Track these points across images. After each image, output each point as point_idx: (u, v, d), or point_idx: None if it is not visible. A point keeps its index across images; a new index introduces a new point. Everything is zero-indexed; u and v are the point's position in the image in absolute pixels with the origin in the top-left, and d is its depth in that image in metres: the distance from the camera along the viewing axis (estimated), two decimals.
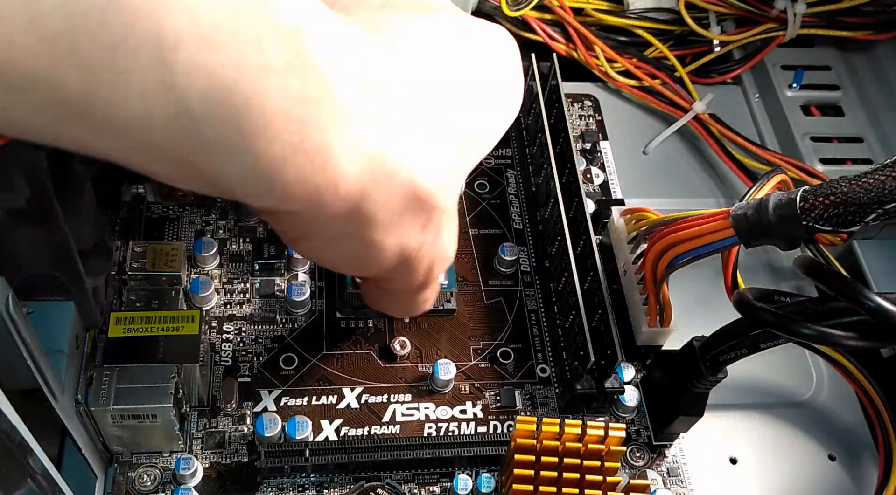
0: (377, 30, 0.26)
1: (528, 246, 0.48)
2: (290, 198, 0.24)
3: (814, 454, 0.44)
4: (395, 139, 0.26)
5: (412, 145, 0.26)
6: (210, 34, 0.20)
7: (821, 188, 0.32)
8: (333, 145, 0.24)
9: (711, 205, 0.52)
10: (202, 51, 0.20)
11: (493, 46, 0.31)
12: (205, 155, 0.22)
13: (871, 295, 0.31)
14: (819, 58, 0.61)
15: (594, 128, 0.54)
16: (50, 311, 0.33)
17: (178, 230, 0.45)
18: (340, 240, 0.29)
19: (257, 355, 0.42)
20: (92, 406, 0.34)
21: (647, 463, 0.41)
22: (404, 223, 0.28)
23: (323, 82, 0.23)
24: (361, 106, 0.24)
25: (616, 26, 0.57)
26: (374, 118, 0.25)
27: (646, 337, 0.43)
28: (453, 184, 0.30)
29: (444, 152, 0.28)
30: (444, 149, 0.28)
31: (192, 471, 0.37)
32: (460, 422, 0.41)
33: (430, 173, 0.27)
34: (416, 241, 0.30)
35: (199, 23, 0.19)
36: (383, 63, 0.25)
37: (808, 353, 0.47)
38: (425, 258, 0.31)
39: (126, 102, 0.19)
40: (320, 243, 0.29)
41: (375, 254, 0.29)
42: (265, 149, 0.22)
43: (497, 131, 0.32)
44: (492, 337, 0.44)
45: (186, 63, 0.19)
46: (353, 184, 0.25)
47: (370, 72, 0.25)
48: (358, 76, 0.24)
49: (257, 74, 0.21)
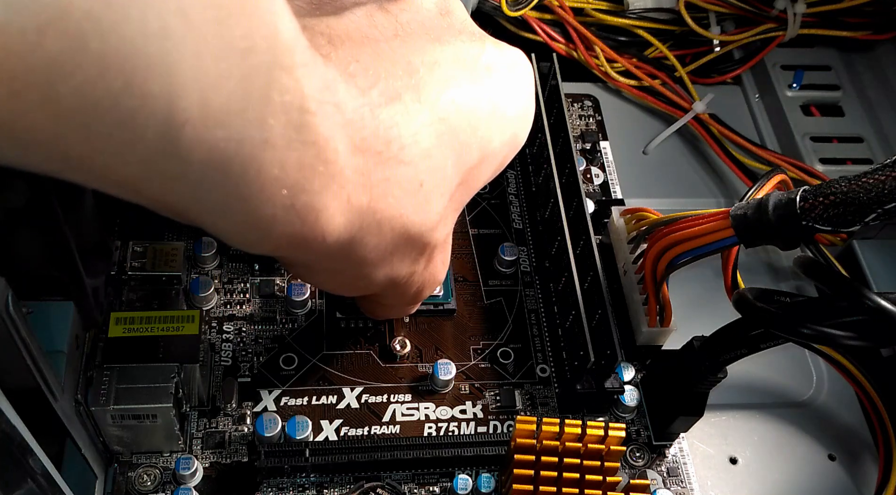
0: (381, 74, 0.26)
1: (528, 246, 0.48)
2: (280, 248, 0.25)
3: (814, 454, 0.44)
4: (387, 193, 0.26)
5: (404, 196, 0.27)
6: (218, 114, 0.20)
7: (821, 188, 0.32)
8: (324, 205, 0.24)
9: (711, 205, 0.52)
10: (208, 129, 0.20)
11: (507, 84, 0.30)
12: (197, 210, 0.22)
13: (871, 295, 0.31)
14: (819, 58, 0.61)
15: (594, 128, 0.54)
16: (50, 311, 0.33)
17: (178, 230, 0.45)
18: (332, 273, 0.29)
19: (257, 355, 0.42)
20: (92, 406, 0.34)
21: (647, 463, 0.41)
22: (395, 259, 0.29)
23: (320, 152, 0.23)
24: (353, 166, 0.24)
25: (616, 26, 0.57)
26: (365, 176, 0.25)
27: (646, 337, 0.43)
28: (447, 221, 0.30)
29: (438, 197, 0.28)
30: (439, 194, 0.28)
31: (192, 471, 0.37)
32: (460, 422, 0.41)
33: (422, 218, 0.28)
34: (406, 271, 0.30)
35: (209, 104, 0.19)
36: (382, 117, 0.25)
37: (808, 353, 0.47)
38: (416, 283, 0.32)
39: (127, 166, 0.20)
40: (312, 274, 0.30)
41: (366, 284, 0.30)
42: (257, 209, 0.23)
43: (496, 164, 0.31)
44: (492, 337, 0.44)
45: (192, 138, 0.20)
46: (342, 234, 0.25)
47: (368, 131, 0.25)
48: (354, 138, 0.24)
49: (258, 148, 0.21)
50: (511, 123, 0.31)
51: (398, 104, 0.26)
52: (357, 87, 0.25)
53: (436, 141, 0.27)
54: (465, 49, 0.29)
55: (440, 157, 0.27)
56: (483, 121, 0.29)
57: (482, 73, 0.29)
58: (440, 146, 0.27)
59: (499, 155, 0.31)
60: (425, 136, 0.27)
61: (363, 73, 0.25)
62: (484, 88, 0.29)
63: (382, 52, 0.27)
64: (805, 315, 0.33)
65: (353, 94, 0.25)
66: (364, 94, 0.25)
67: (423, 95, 0.27)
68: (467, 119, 0.28)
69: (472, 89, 0.29)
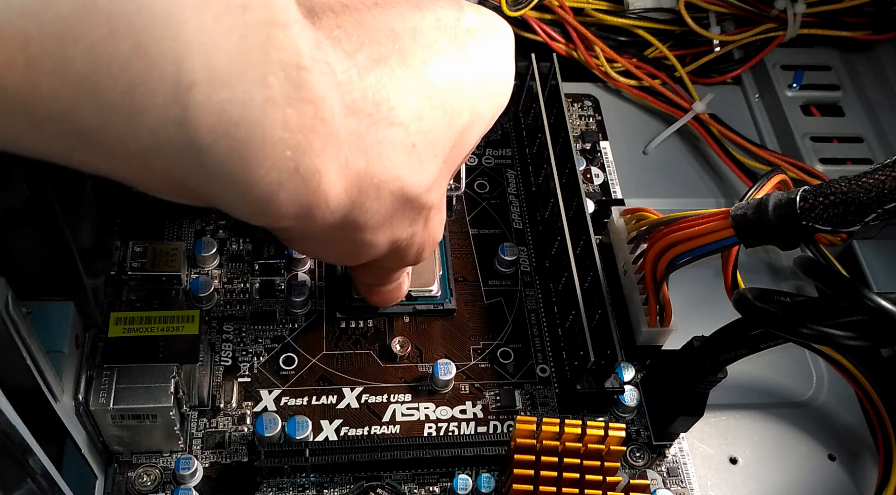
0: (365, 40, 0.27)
1: (528, 246, 0.48)
2: (284, 217, 0.25)
3: (814, 454, 0.44)
4: (381, 155, 0.27)
5: (399, 158, 0.27)
6: (222, 74, 0.20)
7: (821, 188, 0.32)
8: (325, 167, 0.25)
9: (711, 205, 0.52)
10: (214, 90, 0.20)
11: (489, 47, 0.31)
12: (205, 181, 0.23)
13: (871, 295, 0.31)
14: (819, 58, 0.61)
15: (594, 128, 0.54)
16: (50, 311, 0.33)
17: (178, 230, 0.45)
18: (334, 242, 0.30)
19: (257, 355, 0.42)
20: (92, 406, 0.34)
21: (647, 463, 0.41)
22: (394, 223, 0.30)
23: (317, 110, 0.24)
24: (347, 127, 0.25)
25: (616, 26, 0.57)
26: (359, 138, 0.26)
27: (646, 337, 0.43)
28: (441, 182, 0.31)
29: (431, 158, 0.29)
30: (432, 155, 0.29)
31: (192, 471, 0.37)
32: (460, 422, 0.41)
33: (418, 179, 0.28)
34: (405, 234, 0.31)
35: (213, 65, 0.20)
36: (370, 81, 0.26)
37: (808, 353, 0.47)
38: (416, 244, 0.33)
39: (138, 136, 0.20)
40: (315, 245, 0.31)
41: (367, 250, 0.31)
42: (263, 176, 0.23)
43: (485, 126, 0.32)
44: (492, 337, 0.44)
45: (199, 102, 0.20)
46: (343, 199, 0.26)
47: (357, 93, 0.26)
48: (346, 99, 0.25)
49: (261, 109, 0.22)
50: (495, 85, 0.32)
51: (384, 68, 0.27)
52: (343, 50, 0.26)
53: (424, 103, 0.28)
54: (445, 14, 0.30)
55: (430, 120, 0.28)
56: (469, 84, 0.30)
57: (464, 37, 0.30)
58: (430, 109, 0.28)
59: (486, 116, 0.32)
60: (413, 99, 0.27)
61: (347, 38, 0.26)
62: (467, 52, 0.30)
63: (364, 20, 0.27)
64: (805, 315, 0.33)
65: (340, 56, 0.25)
66: (350, 57, 0.26)
67: (408, 60, 0.28)
68: (453, 82, 0.29)
69: (456, 53, 0.29)
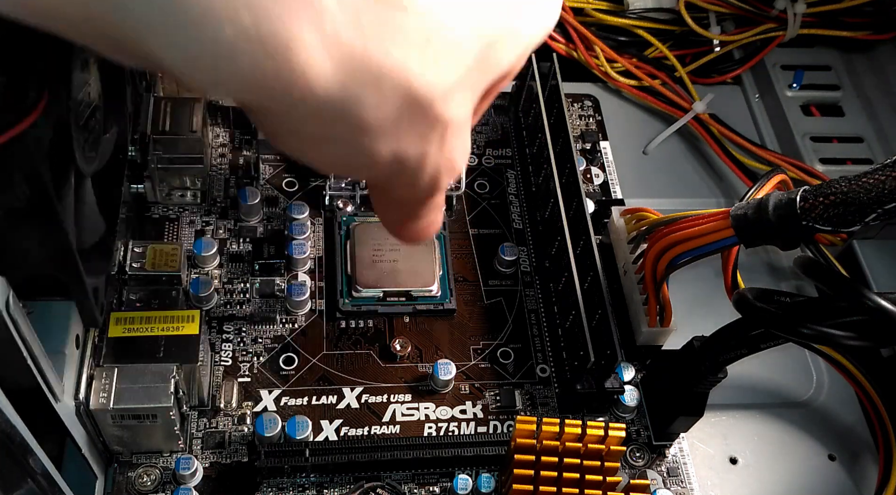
0: None
1: (528, 246, 0.48)
2: (248, 91, 0.22)
3: (814, 454, 0.44)
4: (384, 38, 0.22)
5: (408, 48, 0.23)
6: None
7: (821, 188, 0.32)
8: (295, 34, 0.21)
9: (711, 205, 0.52)
10: None
11: None
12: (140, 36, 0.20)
13: (871, 295, 0.31)
14: (819, 58, 0.61)
15: (594, 128, 0.54)
16: (50, 311, 0.33)
17: (178, 230, 0.45)
18: (326, 142, 0.25)
19: (257, 355, 0.42)
20: (92, 406, 0.34)
21: (647, 463, 0.41)
22: (400, 131, 0.25)
23: None
24: None
25: (616, 26, 0.57)
26: (355, 13, 0.22)
27: (646, 337, 0.43)
28: (463, 92, 0.26)
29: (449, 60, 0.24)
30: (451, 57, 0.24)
31: (192, 471, 0.37)
32: (460, 422, 0.41)
33: (431, 78, 0.24)
34: (415, 151, 0.26)
35: None
36: None
37: (808, 353, 0.47)
38: (428, 168, 0.27)
39: None
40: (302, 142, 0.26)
41: (366, 160, 0.26)
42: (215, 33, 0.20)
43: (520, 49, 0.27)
44: (492, 337, 0.44)
45: None
46: (333, 83, 0.22)
47: None
48: None
49: None
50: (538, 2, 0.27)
51: None
52: None
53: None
54: None
55: (452, 16, 0.24)
56: None
57: None
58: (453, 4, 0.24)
59: (525, 34, 0.27)
60: None
61: None
62: None
63: None
64: (805, 315, 0.33)
65: None
66: None
67: None
68: None
69: None
